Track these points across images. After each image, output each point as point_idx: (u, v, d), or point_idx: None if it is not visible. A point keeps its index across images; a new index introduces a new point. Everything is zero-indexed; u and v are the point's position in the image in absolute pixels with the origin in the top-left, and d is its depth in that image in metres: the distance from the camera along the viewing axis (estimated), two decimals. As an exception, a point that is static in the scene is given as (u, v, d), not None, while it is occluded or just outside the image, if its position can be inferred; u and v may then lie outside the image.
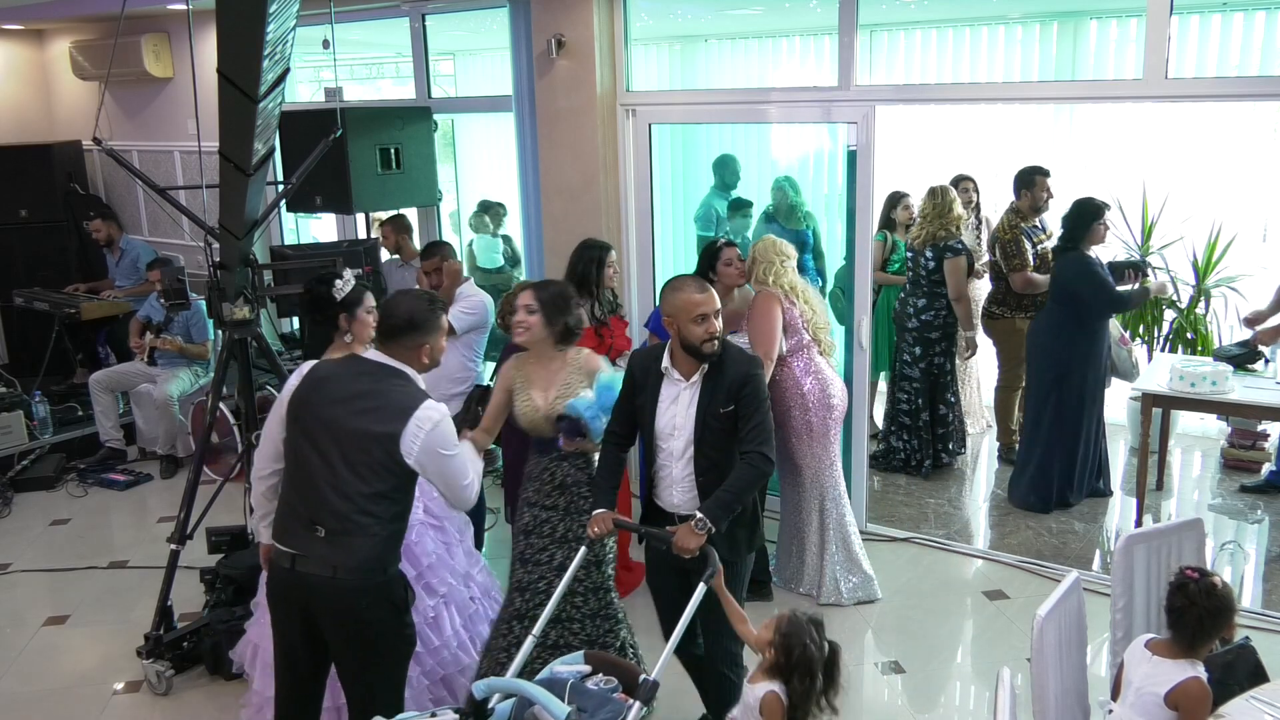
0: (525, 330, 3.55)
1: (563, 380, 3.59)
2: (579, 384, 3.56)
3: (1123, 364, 5.64)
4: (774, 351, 4.47)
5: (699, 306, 3.19)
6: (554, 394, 3.57)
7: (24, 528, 5.85)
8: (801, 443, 4.61)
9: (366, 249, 6.23)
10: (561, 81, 5.62)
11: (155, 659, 4.15)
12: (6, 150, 8.11)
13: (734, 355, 3.30)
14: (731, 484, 3.17)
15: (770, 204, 5.95)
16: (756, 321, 4.51)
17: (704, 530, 3.07)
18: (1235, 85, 4.96)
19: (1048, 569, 4.90)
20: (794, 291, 4.56)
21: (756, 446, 3.20)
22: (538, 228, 5.94)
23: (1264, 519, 5.42)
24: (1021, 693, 2.77)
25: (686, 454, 3.30)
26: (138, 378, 6.65)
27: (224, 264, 4.26)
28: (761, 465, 3.21)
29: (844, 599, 4.65)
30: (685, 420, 3.28)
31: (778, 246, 4.58)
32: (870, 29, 5.83)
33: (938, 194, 5.84)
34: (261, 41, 2.98)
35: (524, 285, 3.90)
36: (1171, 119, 6.33)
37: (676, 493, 3.35)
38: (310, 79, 7.88)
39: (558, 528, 3.63)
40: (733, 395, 3.23)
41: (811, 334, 4.59)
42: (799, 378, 4.56)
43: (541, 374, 3.61)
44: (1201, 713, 2.63)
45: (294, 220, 8.00)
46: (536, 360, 3.63)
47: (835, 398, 4.61)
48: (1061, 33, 6.20)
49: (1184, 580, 2.70)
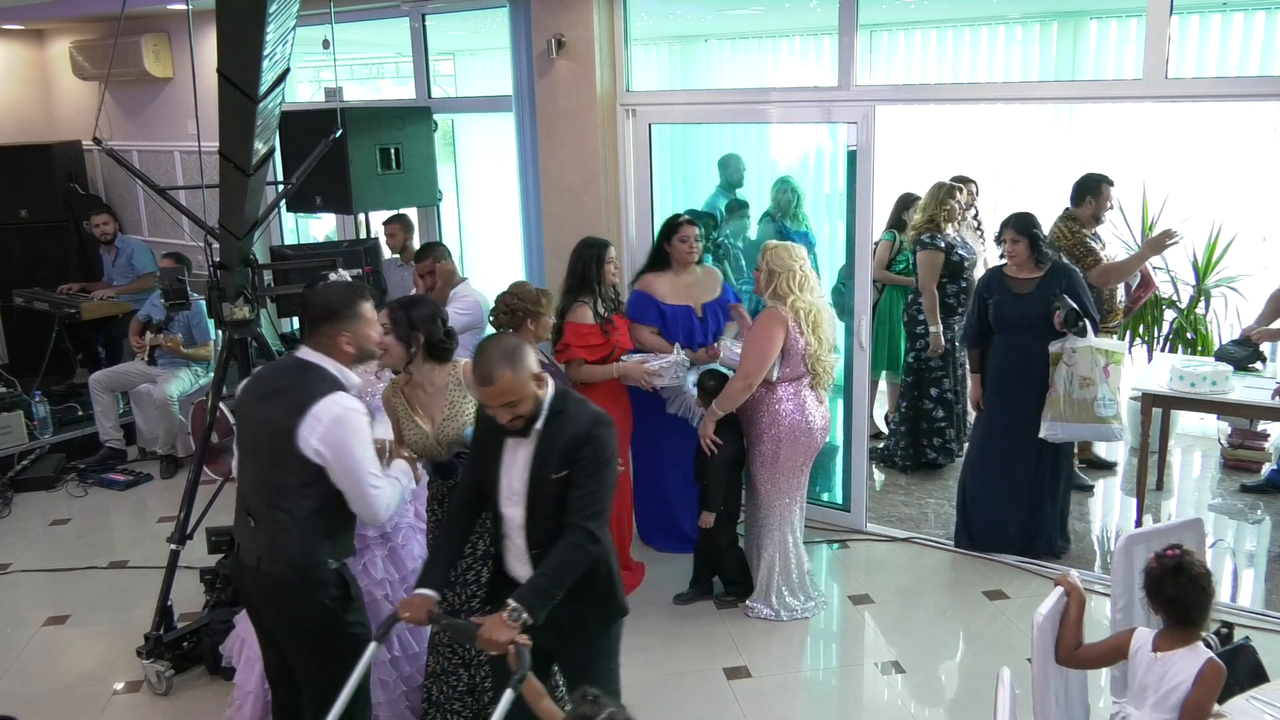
0: (384, 352, 3.29)
1: (445, 401, 3.40)
2: (464, 401, 3.36)
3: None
4: (756, 379, 4.28)
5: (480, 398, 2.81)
6: (440, 416, 3.38)
7: (24, 528, 5.85)
8: (765, 470, 4.43)
9: (366, 249, 6.23)
10: (561, 81, 5.62)
11: (155, 659, 4.15)
12: (6, 150, 8.11)
13: (573, 413, 2.81)
14: (550, 565, 2.71)
15: (771, 204, 5.95)
16: (753, 340, 4.31)
17: (517, 621, 2.58)
18: (1235, 85, 4.96)
19: (1048, 569, 4.90)
20: (809, 319, 4.30)
21: (582, 519, 2.73)
22: (538, 228, 5.94)
23: (1264, 519, 5.42)
24: (1021, 693, 2.76)
25: (522, 525, 2.87)
26: (138, 378, 6.65)
27: (224, 264, 4.26)
28: (584, 543, 2.72)
29: (780, 617, 4.53)
30: (520, 484, 2.84)
31: (791, 252, 4.31)
32: (870, 29, 5.83)
33: (937, 189, 5.87)
34: (261, 41, 2.99)
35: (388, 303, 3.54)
36: (1171, 119, 6.33)
37: (521, 566, 2.88)
38: (310, 79, 7.88)
39: (478, 545, 3.41)
40: (567, 459, 2.75)
41: (810, 367, 4.37)
42: (779, 405, 4.36)
43: (421, 397, 3.42)
44: (1215, 691, 2.61)
45: (294, 220, 8.00)
46: (412, 382, 3.44)
47: (815, 433, 4.41)
48: (1061, 33, 6.20)
49: (1150, 569, 2.69)
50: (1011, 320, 4.84)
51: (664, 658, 4.28)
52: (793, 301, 4.28)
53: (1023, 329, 4.80)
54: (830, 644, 4.53)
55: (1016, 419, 4.85)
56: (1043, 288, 4.78)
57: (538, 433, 2.80)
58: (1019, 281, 4.86)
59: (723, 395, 4.37)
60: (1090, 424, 4.69)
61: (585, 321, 4.57)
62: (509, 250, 6.82)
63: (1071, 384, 4.67)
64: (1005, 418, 4.92)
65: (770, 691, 4.08)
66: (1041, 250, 4.83)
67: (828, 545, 5.27)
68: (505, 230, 7.84)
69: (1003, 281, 4.92)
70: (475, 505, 3.00)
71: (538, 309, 4.09)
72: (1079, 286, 4.81)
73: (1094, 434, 4.81)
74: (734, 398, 4.34)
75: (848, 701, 4.13)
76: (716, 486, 4.48)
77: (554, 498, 2.78)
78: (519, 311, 4.07)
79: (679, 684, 4.11)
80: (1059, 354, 4.70)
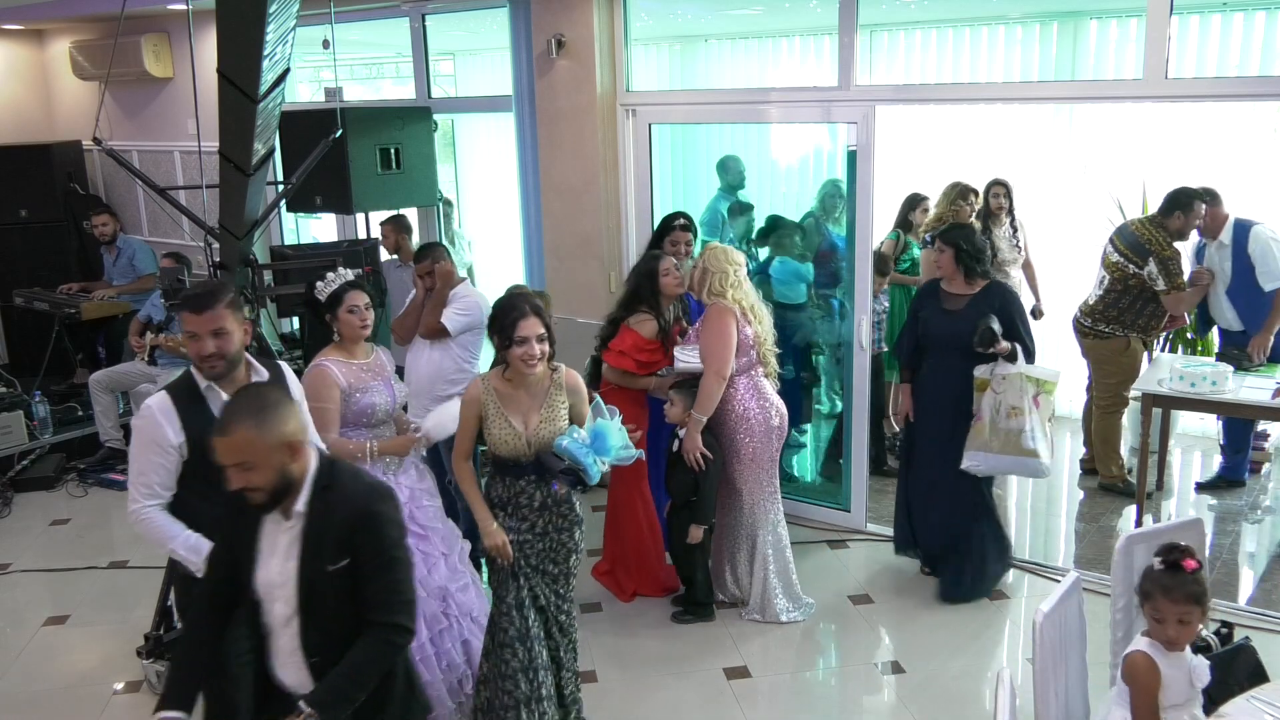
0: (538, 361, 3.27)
1: (546, 403, 3.34)
2: (563, 406, 3.35)
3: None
4: (727, 369, 4.28)
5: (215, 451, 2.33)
6: (537, 419, 3.32)
7: (24, 528, 5.85)
8: (745, 468, 4.40)
9: (366, 249, 6.23)
10: (561, 81, 5.62)
11: (155, 659, 4.15)
12: (6, 150, 8.11)
13: (346, 488, 2.39)
14: (352, 663, 2.34)
15: (816, 204, 5.88)
16: (711, 336, 4.29)
17: None
18: (1235, 85, 4.96)
19: (1048, 569, 4.90)
20: (750, 309, 4.38)
21: (388, 615, 2.36)
22: (538, 228, 5.94)
23: (1264, 519, 5.41)
24: (1021, 693, 2.76)
25: (292, 624, 2.40)
26: (138, 378, 6.64)
27: (224, 264, 4.27)
28: (394, 638, 2.38)
29: (780, 619, 4.50)
30: (285, 577, 2.37)
31: (729, 255, 4.35)
32: (870, 29, 5.83)
33: (950, 189, 5.89)
34: (261, 42, 2.99)
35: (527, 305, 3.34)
36: (1171, 119, 6.32)
37: (289, 672, 2.46)
38: (310, 79, 7.88)
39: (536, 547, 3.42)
40: (344, 544, 2.33)
41: (760, 355, 4.41)
42: (744, 399, 4.36)
43: (520, 395, 3.33)
44: (1140, 688, 2.61)
45: (294, 220, 8.00)
46: (514, 379, 3.34)
47: (776, 420, 4.42)
48: (1061, 33, 6.19)
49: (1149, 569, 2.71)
50: (939, 338, 4.52)
51: (664, 658, 4.28)
52: (732, 293, 4.32)
53: (951, 349, 4.46)
54: (830, 644, 4.53)
55: (936, 443, 4.57)
56: (974, 305, 4.44)
57: (301, 515, 2.36)
58: (952, 297, 4.53)
59: (700, 397, 4.27)
60: (1016, 456, 4.34)
61: (647, 335, 4.54)
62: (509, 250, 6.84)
63: (999, 413, 4.32)
64: (925, 441, 4.66)
65: (770, 691, 4.08)
66: (970, 264, 4.47)
67: (828, 545, 5.28)
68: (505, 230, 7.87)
69: (936, 296, 4.60)
70: (225, 607, 2.47)
71: None
72: (1013, 308, 4.48)
73: (1019, 468, 4.41)
74: (711, 396, 4.27)
75: (847, 701, 4.13)
76: (711, 498, 4.40)
77: (335, 593, 2.35)
78: None
79: (679, 684, 4.11)
80: (986, 380, 4.38)
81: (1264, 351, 5.22)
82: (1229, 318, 5.41)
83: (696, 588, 4.54)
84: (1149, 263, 5.27)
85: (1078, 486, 5.96)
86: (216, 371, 2.85)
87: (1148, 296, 5.36)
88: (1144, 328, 5.46)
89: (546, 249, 5.88)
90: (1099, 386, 5.66)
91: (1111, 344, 5.49)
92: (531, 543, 3.39)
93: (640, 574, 4.75)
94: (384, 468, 3.70)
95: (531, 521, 3.39)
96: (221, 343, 2.82)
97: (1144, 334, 5.50)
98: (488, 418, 3.32)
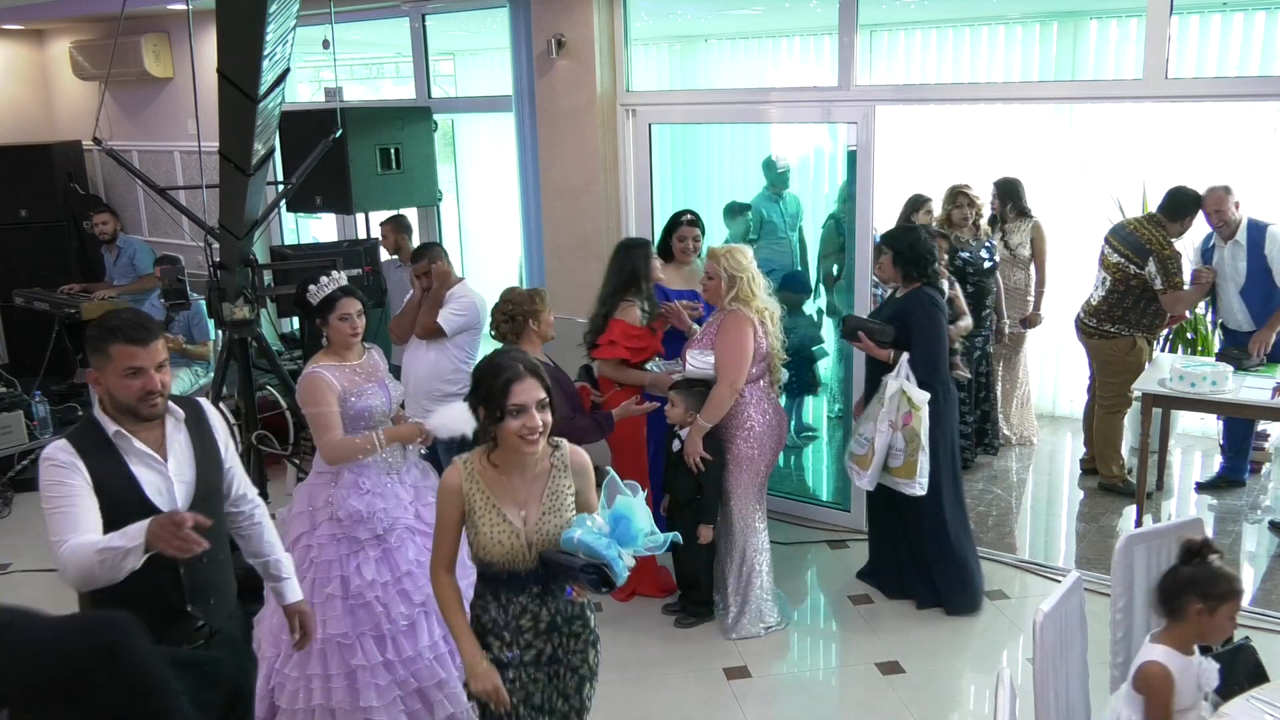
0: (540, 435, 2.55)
1: (548, 490, 2.62)
2: (569, 493, 2.65)
3: None
4: (740, 382, 4.20)
5: None
6: (539, 509, 2.60)
7: (24, 528, 5.85)
8: (743, 474, 4.35)
9: (366, 249, 6.23)
10: (561, 81, 5.62)
11: (155, 659, 4.13)
12: (6, 150, 8.11)
13: None
14: None
15: (838, 207, 5.83)
16: (728, 346, 4.19)
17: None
18: (1235, 85, 4.97)
19: (1048, 569, 4.90)
20: (769, 319, 4.30)
21: None
22: (538, 228, 5.94)
23: (1264, 519, 5.41)
24: (1021, 693, 2.76)
25: None
26: (138, 378, 6.64)
27: (224, 264, 4.27)
28: None
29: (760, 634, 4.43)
30: None
31: (746, 254, 4.25)
32: (870, 29, 5.82)
33: (949, 191, 5.91)
34: (261, 41, 2.99)
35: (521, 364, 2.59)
36: (1171, 119, 6.32)
37: None
38: (310, 79, 7.88)
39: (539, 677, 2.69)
40: None
41: (771, 366, 4.35)
42: (751, 407, 4.29)
43: (515, 481, 2.61)
44: (1156, 697, 2.62)
45: (294, 220, 8.00)
46: (505, 462, 2.60)
47: (777, 431, 4.38)
48: (1061, 33, 6.19)
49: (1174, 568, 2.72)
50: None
51: (664, 657, 4.28)
52: (755, 303, 4.24)
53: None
54: (830, 644, 4.53)
55: None
56: (889, 306, 4.53)
57: None
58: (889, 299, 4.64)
59: (709, 405, 4.22)
60: (884, 472, 4.39)
61: (634, 321, 4.54)
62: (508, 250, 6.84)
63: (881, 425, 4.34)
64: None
65: (770, 691, 4.08)
66: (907, 267, 4.41)
67: (828, 545, 5.28)
68: (505, 230, 7.88)
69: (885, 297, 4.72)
70: None
71: (535, 308, 4.08)
72: (916, 317, 4.37)
73: (890, 483, 4.40)
74: (721, 406, 4.21)
75: (847, 701, 4.13)
76: (714, 498, 4.37)
77: None
78: (518, 317, 4.07)
79: (679, 684, 4.11)
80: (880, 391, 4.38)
81: (1264, 349, 5.22)
82: (1240, 318, 5.40)
83: (699, 587, 4.54)
84: (1149, 262, 5.28)
85: (1078, 486, 5.97)
86: (157, 411, 2.51)
87: (1150, 296, 5.36)
88: (1149, 327, 5.47)
89: (546, 249, 5.88)
90: (1103, 386, 5.65)
91: (1118, 344, 5.49)
92: (534, 676, 2.67)
93: (639, 574, 4.74)
94: (388, 468, 3.68)
95: (538, 649, 2.66)
96: (164, 375, 2.50)
97: (1149, 333, 5.50)
98: (474, 513, 2.58)
